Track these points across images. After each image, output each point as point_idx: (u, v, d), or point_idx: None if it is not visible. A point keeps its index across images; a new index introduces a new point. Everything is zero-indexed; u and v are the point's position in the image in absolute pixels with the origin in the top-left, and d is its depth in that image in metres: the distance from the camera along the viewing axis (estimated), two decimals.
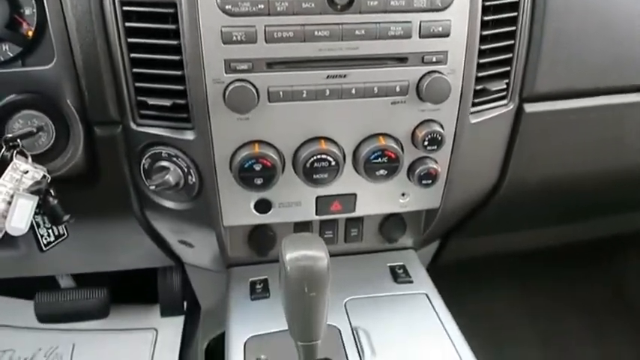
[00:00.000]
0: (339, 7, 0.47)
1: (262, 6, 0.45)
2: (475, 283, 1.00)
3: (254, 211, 0.57)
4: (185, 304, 1.06)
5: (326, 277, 0.44)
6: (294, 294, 0.45)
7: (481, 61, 0.53)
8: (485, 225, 0.77)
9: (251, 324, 0.57)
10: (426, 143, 0.53)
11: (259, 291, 0.62)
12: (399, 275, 0.65)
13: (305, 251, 0.44)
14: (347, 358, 0.53)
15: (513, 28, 0.54)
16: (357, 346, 0.54)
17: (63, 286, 0.97)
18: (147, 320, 1.09)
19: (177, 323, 1.07)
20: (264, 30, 0.46)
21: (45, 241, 0.54)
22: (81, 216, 0.54)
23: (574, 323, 1.08)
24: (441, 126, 0.53)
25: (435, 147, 0.53)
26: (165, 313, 1.03)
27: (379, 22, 0.48)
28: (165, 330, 1.08)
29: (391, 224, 0.64)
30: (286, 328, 0.51)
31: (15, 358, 1.03)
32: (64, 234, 0.55)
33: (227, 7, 0.45)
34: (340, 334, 0.56)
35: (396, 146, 0.53)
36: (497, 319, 1.03)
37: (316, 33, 0.47)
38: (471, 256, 0.89)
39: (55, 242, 0.55)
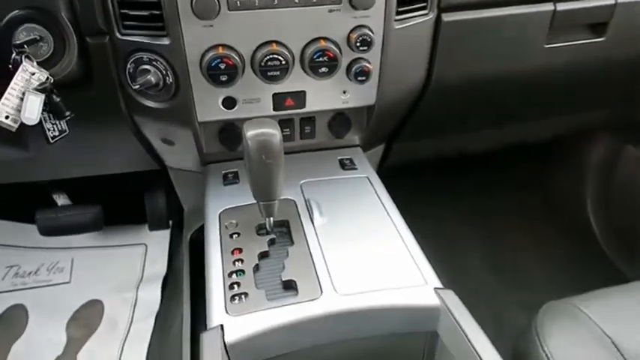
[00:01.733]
0: None
1: None
2: (419, 187, 1.15)
3: (222, 107, 0.69)
4: (170, 223, 1.20)
5: (278, 147, 0.57)
6: (255, 162, 0.58)
7: None
8: (422, 127, 0.90)
9: (224, 201, 0.71)
10: (358, 44, 0.65)
11: (230, 178, 0.76)
12: (346, 164, 0.78)
13: (262, 129, 0.57)
14: (300, 220, 0.67)
15: None
16: (308, 212, 0.68)
17: (60, 204, 1.10)
18: (137, 237, 1.23)
19: (164, 236, 1.21)
20: None
21: (51, 135, 0.65)
22: (78, 117, 0.65)
23: (511, 223, 1.25)
24: (371, 30, 0.65)
25: (366, 48, 0.66)
26: (153, 227, 1.17)
27: None
28: (153, 243, 1.22)
29: (338, 121, 0.77)
30: (252, 202, 0.64)
31: (21, 273, 1.17)
32: (65, 130, 0.67)
33: None
34: (296, 204, 0.69)
35: (334, 47, 0.65)
36: (440, 218, 1.19)
37: None
38: (413, 158, 1.04)
39: (59, 136, 0.66)
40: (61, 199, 1.10)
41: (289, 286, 0.57)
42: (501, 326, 0.64)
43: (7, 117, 0.60)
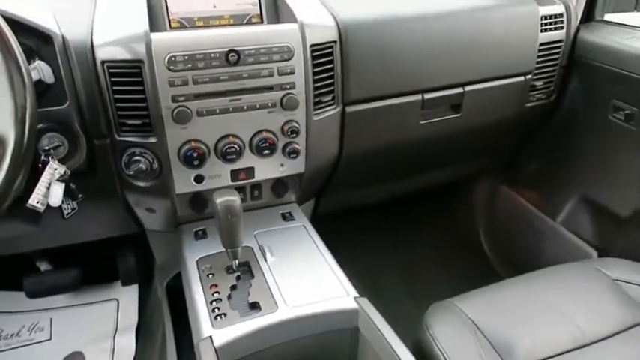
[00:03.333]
0: (231, 62, 0.86)
1: (190, 65, 0.84)
2: (351, 228, 1.43)
3: (194, 183, 0.94)
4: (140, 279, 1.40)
5: (239, 209, 0.83)
6: (223, 220, 0.83)
7: (315, 85, 0.95)
8: (343, 184, 1.20)
9: (198, 251, 0.94)
10: (289, 133, 0.94)
11: (200, 234, 0.99)
12: (286, 217, 1.05)
13: (227, 197, 0.83)
14: (257, 260, 0.92)
15: (332, 65, 0.97)
16: (262, 254, 0.93)
17: (43, 269, 1.27)
18: (110, 292, 1.42)
19: (134, 290, 1.40)
20: (192, 78, 0.84)
21: (66, 212, 0.88)
22: (85, 198, 0.88)
23: (423, 252, 1.55)
24: (297, 123, 0.94)
25: (295, 135, 0.94)
26: (125, 283, 1.36)
27: (255, 69, 0.88)
28: (124, 297, 1.41)
29: (278, 186, 1.04)
30: (219, 250, 0.88)
31: (3, 335, 1.31)
32: (75, 207, 0.89)
33: (171, 66, 0.83)
34: (252, 249, 0.94)
35: (273, 136, 0.93)
36: (366, 252, 1.47)
37: (221, 77, 0.86)
38: (340, 208, 1.32)
39: (72, 213, 0.89)
40: (44, 265, 1.27)
41: (254, 306, 0.82)
42: (405, 322, 0.90)
43: (37, 202, 0.82)
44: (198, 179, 0.94)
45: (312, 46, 0.92)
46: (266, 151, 0.94)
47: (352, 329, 0.83)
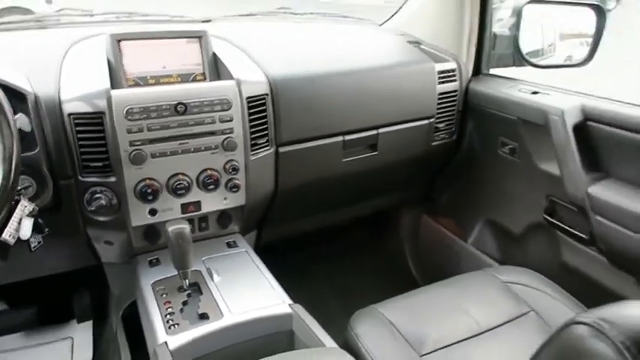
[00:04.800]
0: (180, 112, 1.04)
1: (145, 115, 1.00)
2: (287, 255, 1.59)
3: (148, 216, 1.08)
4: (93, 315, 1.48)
5: (189, 235, 0.98)
6: (175, 245, 0.98)
7: (252, 130, 1.13)
8: (281, 216, 1.37)
9: (153, 276, 1.07)
10: (231, 170, 1.11)
11: (154, 262, 1.13)
12: (231, 244, 1.20)
13: (178, 225, 0.98)
14: (205, 281, 1.06)
15: (265, 113, 1.16)
16: (210, 276, 1.08)
17: None
18: (65, 332, 1.48)
19: (88, 326, 1.48)
20: (147, 126, 1.01)
21: (32, 245, 0.99)
22: (50, 232, 1.01)
23: (358, 274, 1.73)
24: (237, 162, 1.12)
25: (236, 172, 1.12)
26: (80, 320, 1.44)
27: (200, 118, 1.05)
28: (79, 335, 1.48)
29: (223, 217, 1.20)
30: (172, 274, 1.02)
31: None
32: (41, 241, 1.01)
33: (128, 117, 0.99)
34: (201, 272, 1.09)
35: (217, 173, 1.10)
36: (304, 274, 1.62)
37: (171, 125, 1.03)
38: (281, 237, 1.49)
39: (38, 246, 1.00)
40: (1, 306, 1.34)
41: (203, 316, 0.95)
42: (335, 327, 1.06)
43: (9, 235, 0.93)
44: (152, 212, 1.08)
45: (247, 98, 1.11)
46: (211, 187, 1.10)
47: (288, 332, 0.98)
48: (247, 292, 1.03)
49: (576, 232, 1.24)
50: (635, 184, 1.13)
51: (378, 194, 1.63)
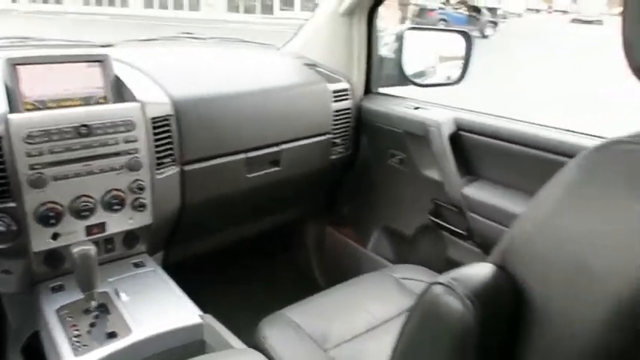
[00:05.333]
0: (83, 135, 1.05)
1: (46, 139, 1.01)
2: (199, 271, 1.61)
3: (50, 240, 1.07)
4: None
5: (94, 255, 0.99)
6: (80, 266, 0.99)
7: (157, 149, 1.17)
8: (189, 233, 1.41)
9: (56, 302, 1.06)
10: (136, 190, 1.13)
11: (57, 289, 1.11)
12: (139, 265, 1.22)
13: (82, 247, 0.99)
14: (112, 300, 1.07)
15: (170, 134, 1.21)
16: (117, 295, 1.09)
17: None
18: None
19: None
20: (48, 149, 1.01)
21: None
22: None
23: (267, 285, 1.79)
24: (143, 181, 1.15)
25: (142, 191, 1.15)
26: None
27: (104, 139, 1.08)
28: None
29: (129, 237, 1.22)
30: (77, 298, 1.02)
31: None
32: None
33: (29, 140, 0.99)
34: (108, 293, 1.09)
35: (122, 193, 1.12)
36: (215, 286, 1.64)
37: (73, 147, 1.04)
38: (191, 255, 1.52)
39: None
40: None
41: (112, 335, 0.97)
42: (247, 334, 1.11)
43: None
44: (55, 236, 1.07)
45: (152, 119, 1.15)
46: (116, 207, 1.12)
47: (199, 342, 1.03)
48: (156, 307, 1.06)
49: (456, 230, 1.41)
50: (501, 184, 1.32)
51: (284, 208, 1.71)
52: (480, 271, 0.54)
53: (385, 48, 1.84)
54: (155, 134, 1.16)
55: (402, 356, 0.58)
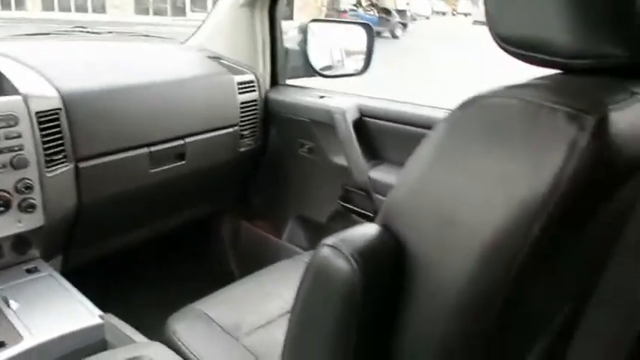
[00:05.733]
0: None
1: None
2: (107, 271, 1.53)
3: None
4: None
5: None
6: None
7: (45, 146, 1.09)
8: (91, 233, 1.33)
9: None
10: (23, 189, 1.05)
11: None
12: (32, 270, 1.13)
13: None
14: (2, 310, 0.98)
15: (60, 129, 1.13)
16: (6, 304, 1.00)
17: None
18: None
19: None
20: None
21: None
22: None
23: (182, 282, 1.73)
24: (31, 180, 1.07)
25: (30, 191, 1.07)
26: None
27: None
28: None
29: (19, 242, 1.12)
30: None
31: None
32: None
33: None
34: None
35: (7, 194, 1.03)
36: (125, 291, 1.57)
37: None
38: (98, 256, 1.43)
39: None
40: None
41: (0, 345, 0.89)
42: (155, 331, 1.07)
43: None
44: None
45: (37, 113, 1.07)
46: (2, 208, 1.03)
47: (100, 341, 0.97)
48: (52, 312, 0.99)
49: (366, 212, 1.45)
50: (404, 165, 1.37)
51: (194, 203, 1.67)
52: (365, 231, 0.55)
53: (290, 41, 1.85)
54: (42, 130, 1.09)
55: (297, 319, 0.58)
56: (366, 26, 1.77)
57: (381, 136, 1.42)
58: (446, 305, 0.50)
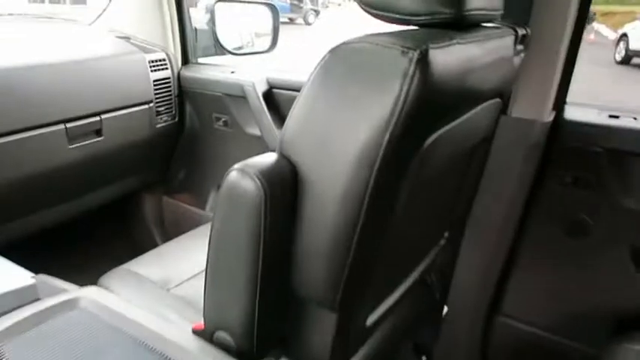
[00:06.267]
0: None
1: None
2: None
3: None
4: None
5: None
6: None
7: None
8: (7, 213, 1.35)
9: None
10: None
11: None
12: None
13: None
14: None
15: None
16: None
17: None
18: None
19: None
20: None
21: None
22: None
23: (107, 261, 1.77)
24: None
25: None
26: None
27: None
28: None
29: None
30: None
31: None
32: None
33: None
34: None
35: None
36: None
37: None
38: (8, 239, 1.44)
39: None
40: None
41: None
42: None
43: None
44: None
45: None
46: None
47: (33, 300, 1.03)
48: None
49: None
50: None
51: (117, 179, 1.72)
52: (265, 158, 0.69)
53: (196, 20, 1.92)
54: None
55: (215, 235, 0.71)
56: (271, 6, 1.89)
57: (289, 105, 1.55)
58: (329, 206, 0.64)
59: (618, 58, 9.89)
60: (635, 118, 1.12)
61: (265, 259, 0.67)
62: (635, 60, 9.59)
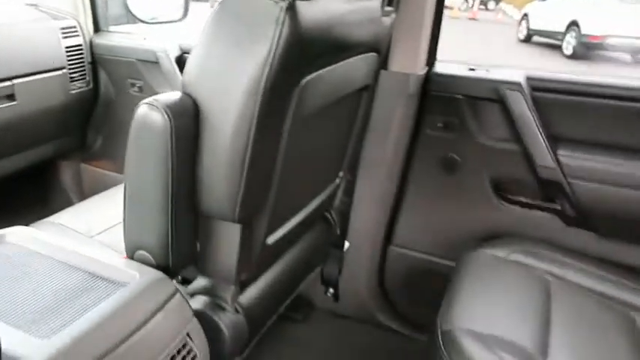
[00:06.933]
0: None
1: None
2: None
3: None
4: None
5: None
6: None
7: None
8: None
9: None
10: None
11: None
12: None
13: None
14: None
15: None
16: None
17: None
18: None
19: None
20: None
21: None
22: None
23: None
24: None
25: None
26: None
27: None
28: None
29: None
30: None
31: None
32: None
33: None
34: None
35: None
36: None
37: None
38: None
39: None
40: None
41: None
42: None
43: None
44: None
45: None
46: None
47: None
48: None
49: None
50: None
51: (30, 146, 1.74)
52: (171, 95, 0.82)
53: None
54: None
55: (130, 164, 0.83)
56: None
57: None
58: (225, 131, 0.79)
59: (521, 37, 10.67)
60: (487, 70, 1.36)
61: (174, 181, 0.81)
62: (536, 38, 10.37)
